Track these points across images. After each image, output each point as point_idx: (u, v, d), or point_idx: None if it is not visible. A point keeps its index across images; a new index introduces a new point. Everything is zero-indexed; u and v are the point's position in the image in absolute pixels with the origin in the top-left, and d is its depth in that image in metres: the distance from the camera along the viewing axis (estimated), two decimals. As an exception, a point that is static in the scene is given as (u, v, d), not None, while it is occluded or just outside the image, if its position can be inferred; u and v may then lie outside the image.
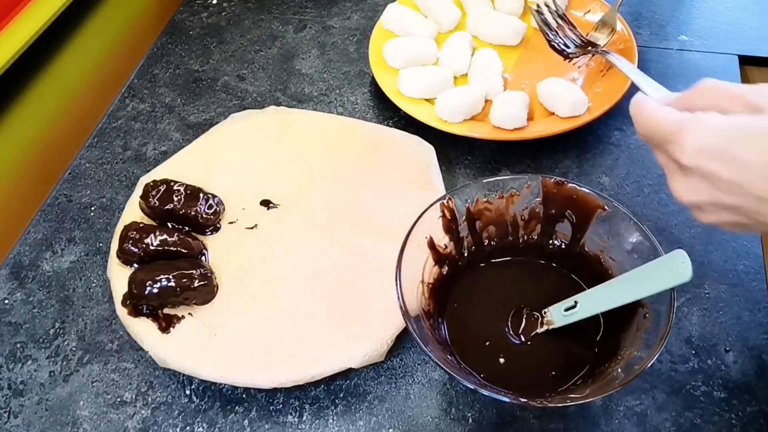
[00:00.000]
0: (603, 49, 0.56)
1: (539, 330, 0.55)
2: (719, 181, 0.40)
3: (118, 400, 0.58)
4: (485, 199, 0.58)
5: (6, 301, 0.65)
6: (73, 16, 0.82)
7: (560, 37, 0.58)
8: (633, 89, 0.74)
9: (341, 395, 0.57)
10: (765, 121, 0.39)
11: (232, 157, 0.72)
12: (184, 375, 0.58)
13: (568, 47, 0.57)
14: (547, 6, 0.61)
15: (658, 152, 0.45)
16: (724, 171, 0.39)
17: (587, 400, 0.51)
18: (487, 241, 0.60)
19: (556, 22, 0.59)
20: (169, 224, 0.65)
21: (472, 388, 0.47)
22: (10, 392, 0.58)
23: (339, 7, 0.96)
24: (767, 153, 0.38)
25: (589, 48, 0.57)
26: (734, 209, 0.41)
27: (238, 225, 0.67)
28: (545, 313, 0.55)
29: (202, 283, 0.59)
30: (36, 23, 0.73)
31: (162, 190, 0.65)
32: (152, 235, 0.62)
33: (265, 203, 0.68)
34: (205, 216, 0.65)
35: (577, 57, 0.58)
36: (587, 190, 0.56)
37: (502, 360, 0.54)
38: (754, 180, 0.39)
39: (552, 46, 0.58)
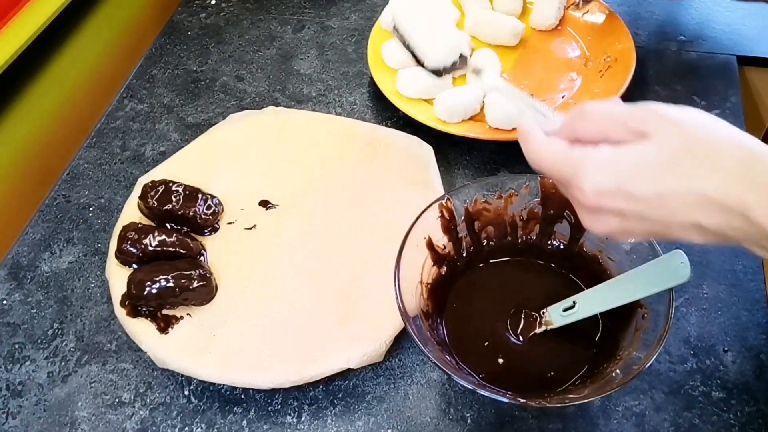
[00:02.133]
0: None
1: (538, 330, 0.55)
2: (624, 214, 0.41)
3: (117, 400, 0.57)
4: (484, 200, 0.58)
5: (4, 302, 0.64)
6: (72, 16, 0.82)
7: None
8: (631, 91, 0.74)
9: (340, 396, 0.57)
10: (649, 152, 0.40)
11: (231, 157, 0.72)
12: (182, 375, 0.58)
13: None
14: None
15: (559, 186, 0.46)
16: (626, 206, 0.41)
17: (586, 401, 0.52)
18: (485, 241, 0.60)
19: None
20: (167, 225, 0.65)
21: (471, 388, 0.47)
22: (8, 393, 0.58)
23: (337, 7, 0.96)
24: (658, 184, 0.39)
25: None
26: (644, 232, 0.42)
27: (236, 225, 0.66)
28: (544, 313, 0.55)
29: (201, 283, 0.59)
30: (35, 23, 0.73)
31: (160, 190, 0.65)
32: (151, 236, 0.62)
33: (264, 203, 0.68)
34: (203, 216, 0.65)
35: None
36: (586, 191, 0.56)
37: (500, 360, 0.54)
38: (654, 210, 0.40)
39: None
